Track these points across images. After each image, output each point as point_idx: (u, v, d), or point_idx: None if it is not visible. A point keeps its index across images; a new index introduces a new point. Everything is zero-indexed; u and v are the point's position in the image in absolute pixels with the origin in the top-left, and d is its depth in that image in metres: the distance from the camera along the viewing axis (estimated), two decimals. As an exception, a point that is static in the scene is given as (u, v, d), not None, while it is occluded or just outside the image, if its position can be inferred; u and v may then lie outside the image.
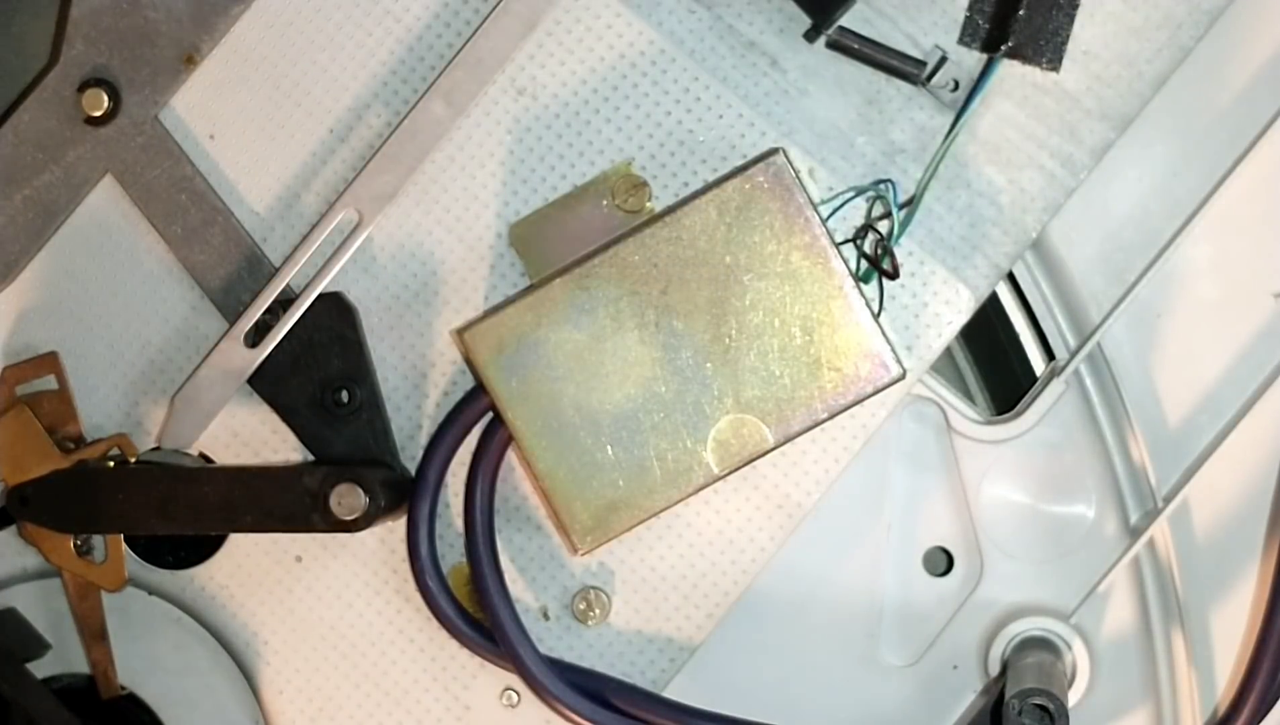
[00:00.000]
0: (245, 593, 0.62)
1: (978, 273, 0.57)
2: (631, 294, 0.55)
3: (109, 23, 0.59)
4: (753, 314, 0.55)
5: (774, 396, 0.55)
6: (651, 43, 0.58)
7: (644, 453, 0.55)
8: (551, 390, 0.55)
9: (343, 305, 0.59)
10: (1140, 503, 0.61)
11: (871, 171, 0.57)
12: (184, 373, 0.60)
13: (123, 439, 0.60)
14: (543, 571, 0.60)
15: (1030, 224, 0.57)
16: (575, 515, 0.56)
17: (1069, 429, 0.61)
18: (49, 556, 0.61)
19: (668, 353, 0.55)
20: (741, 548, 0.59)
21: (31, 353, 0.61)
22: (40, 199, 0.60)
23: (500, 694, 0.61)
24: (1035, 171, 0.56)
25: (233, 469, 0.60)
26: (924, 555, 0.62)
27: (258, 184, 0.60)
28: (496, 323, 0.55)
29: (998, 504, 0.62)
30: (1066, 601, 0.61)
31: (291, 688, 0.62)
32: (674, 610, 0.60)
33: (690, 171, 0.58)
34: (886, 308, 0.57)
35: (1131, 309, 0.60)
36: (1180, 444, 0.61)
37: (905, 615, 0.62)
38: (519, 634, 0.58)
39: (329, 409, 0.59)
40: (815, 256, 0.54)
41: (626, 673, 0.60)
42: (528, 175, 0.58)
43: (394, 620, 0.61)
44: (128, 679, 0.62)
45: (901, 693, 0.62)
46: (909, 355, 0.57)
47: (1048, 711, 0.55)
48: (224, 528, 0.60)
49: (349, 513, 0.57)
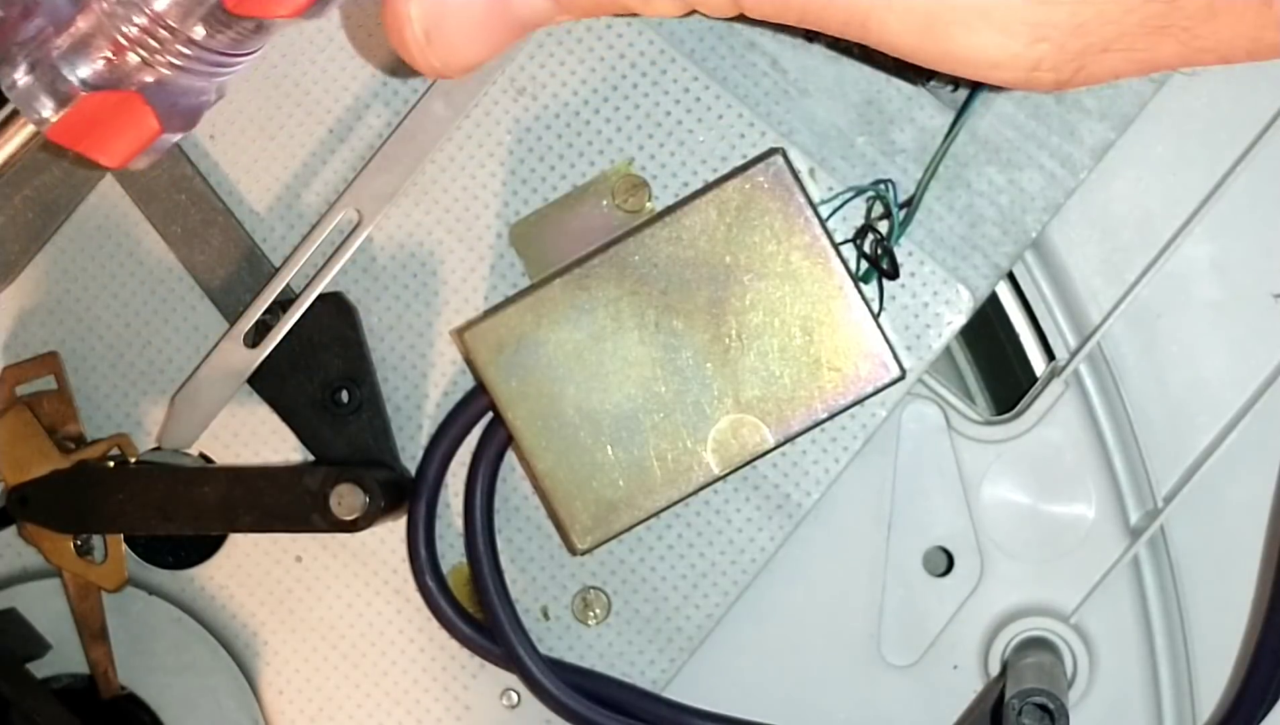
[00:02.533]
0: (245, 593, 0.62)
1: (978, 273, 0.57)
2: (631, 294, 0.55)
3: (109, 23, 0.59)
4: (753, 314, 0.55)
5: (774, 396, 0.55)
6: (651, 43, 0.58)
7: (644, 453, 0.55)
8: (551, 390, 0.55)
9: (343, 305, 0.59)
10: (1140, 503, 0.61)
11: (871, 171, 0.57)
12: (184, 373, 0.60)
13: (123, 439, 0.60)
14: (543, 571, 0.60)
15: (1030, 224, 0.57)
16: (575, 515, 0.56)
17: (1069, 429, 0.61)
18: (49, 556, 0.61)
19: (668, 353, 0.55)
20: (741, 548, 0.59)
21: (31, 353, 0.61)
22: (40, 199, 0.60)
23: (500, 694, 0.61)
24: (1035, 171, 0.56)
25: (233, 469, 0.60)
26: (924, 555, 0.62)
27: (258, 184, 0.60)
28: (496, 323, 0.55)
29: (998, 504, 0.62)
30: (1066, 601, 0.61)
31: (291, 688, 0.62)
32: (674, 610, 0.60)
33: (690, 171, 0.58)
34: (886, 308, 0.57)
35: (1131, 309, 0.60)
36: (1180, 444, 0.61)
37: (905, 615, 0.62)
38: (519, 634, 0.58)
39: (329, 409, 0.59)
40: (815, 256, 0.54)
41: (626, 673, 0.60)
42: (528, 175, 0.58)
43: (394, 620, 0.61)
44: (128, 679, 0.62)
45: (901, 693, 0.62)
46: (909, 355, 0.57)
47: (1048, 711, 0.55)
48: (224, 528, 0.60)
49: (349, 513, 0.57)
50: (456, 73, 0.40)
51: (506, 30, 0.39)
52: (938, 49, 0.36)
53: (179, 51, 0.38)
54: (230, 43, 0.39)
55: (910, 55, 0.37)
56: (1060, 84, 0.36)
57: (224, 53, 0.39)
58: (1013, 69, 0.36)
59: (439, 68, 0.39)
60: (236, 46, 0.39)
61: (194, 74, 0.39)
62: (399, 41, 0.39)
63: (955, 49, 0.36)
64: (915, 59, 0.37)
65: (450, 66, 0.39)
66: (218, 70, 0.40)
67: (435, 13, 0.38)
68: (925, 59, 0.37)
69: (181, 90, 0.39)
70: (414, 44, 0.39)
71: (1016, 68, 0.36)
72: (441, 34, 0.38)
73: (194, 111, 0.40)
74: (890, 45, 0.37)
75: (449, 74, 0.40)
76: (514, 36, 0.40)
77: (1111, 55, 0.36)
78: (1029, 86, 0.37)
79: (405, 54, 0.39)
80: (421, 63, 0.39)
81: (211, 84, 0.40)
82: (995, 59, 0.36)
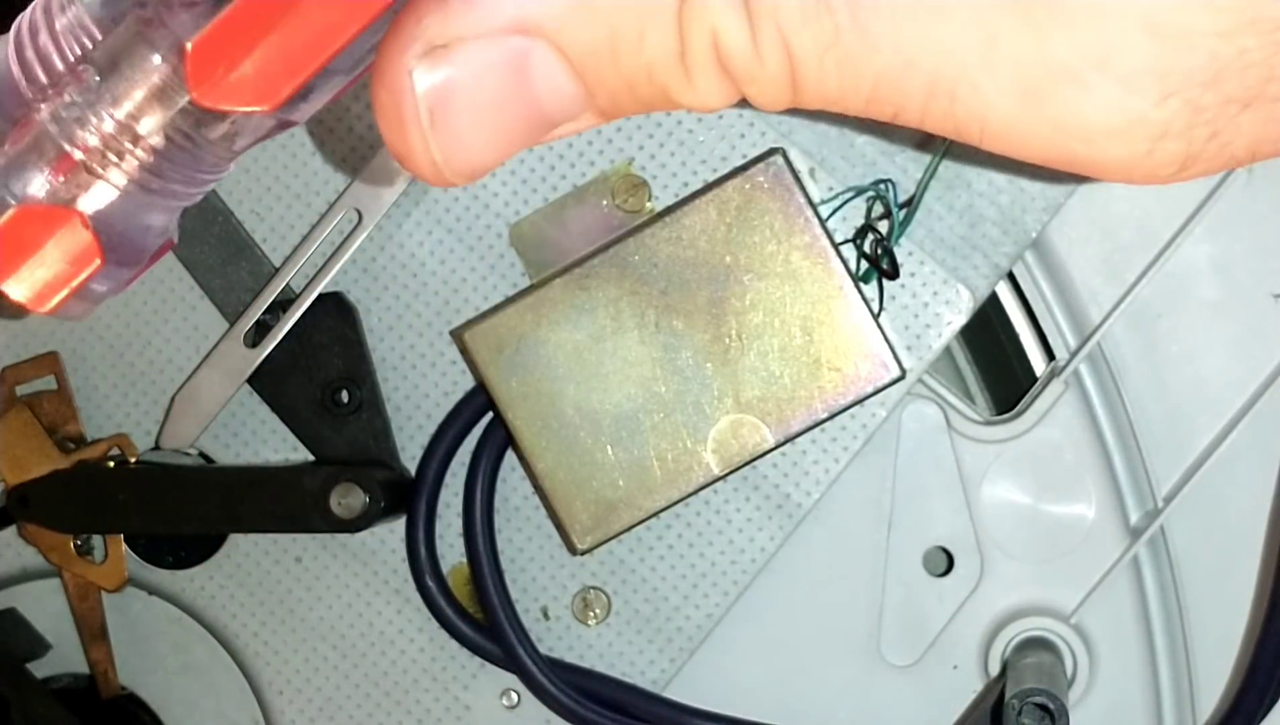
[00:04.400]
0: (245, 593, 0.62)
1: (978, 273, 0.57)
2: (631, 294, 0.55)
3: (109, 23, 0.59)
4: (753, 314, 0.55)
5: (774, 396, 0.55)
6: (651, 43, 0.57)
7: (644, 453, 0.55)
8: (551, 390, 0.55)
9: (343, 305, 0.59)
10: (1140, 503, 0.61)
11: (871, 171, 0.57)
12: (184, 373, 0.60)
13: (123, 439, 0.60)
14: (543, 571, 0.60)
15: (1030, 224, 0.57)
16: (575, 515, 0.56)
17: (1069, 429, 0.61)
18: (49, 556, 0.61)
19: (668, 353, 0.55)
20: (741, 548, 0.59)
21: (31, 353, 0.61)
22: (40, 199, 0.60)
23: (500, 694, 0.61)
24: (1036, 171, 0.56)
25: (233, 469, 0.60)
26: (924, 555, 0.62)
27: (258, 184, 0.60)
28: (496, 323, 0.55)
29: (998, 504, 0.61)
30: (1066, 601, 0.61)
31: (291, 688, 0.62)
32: (674, 610, 0.60)
33: (690, 171, 0.58)
34: (886, 308, 0.57)
35: (1131, 309, 0.60)
36: (1180, 444, 0.60)
37: (905, 615, 0.62)
38: (519, 634, 0.58)
39: (329, 409, 0.59)
40: (815, 256, 0.54)
41: (626, 673, 0.60)
42: (528, 175, 0.58)
43: (394, 620, 0.61)
44: (128, 679, 0.62)
45: (901, 693, 0.62)
46: (909, 355, 0.57)
47: (1048, 711, 0.55)
48: (224, 528, 0.60)
49: (349, 513, 0.57)
50: (459, 173, 0.31)
51: (527, 126, 0.31)
52: (1041, 118, 0.29)
53: (136, 165, 0.32)
54: (191, 159, 0.32)
55: (1005, 132, 0.29)
56: (1186, 162, 0.29)
57: (186, 169, 0.33)
58: (1133, 140, 0.29)
59: (438, 162, 0.30)
60: (198, 163, 0.33)
61: (149, 196, 0.33)
62: (394, 121, 0.30)
63: (1064, 115, 0.29)
64: (1011, 137, 0.29)
65: (453, 161, 0.30)
66: (177, 192, 0.33)
67: (444, 90, 0.29)
68: (1024, 135, 0.29)
69: (130, 217, 0.32)
70: (412, 126, 0.30)
71: (1138, 138, 0.29)
72: (449, 119, 0.30)
73: (140, 250, 0.33)
74: (982, 120, 0.29)
75: (449, 173, 0.30)
76: (532, 137, 0.31)
77: (1253, 115, 0.29)
78: (1148, 171, 0.29)
79: (400, 140, 0.30)
80: (419, 152, 0.30)
81: (167, 214, 0.34)
82: (1113, 125, 0.29)
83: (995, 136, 0.30)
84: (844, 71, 0.29)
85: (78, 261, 0.31)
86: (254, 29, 0.29)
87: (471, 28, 0.29)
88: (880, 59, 0.28)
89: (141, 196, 0.32)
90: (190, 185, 0.33)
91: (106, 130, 0.31)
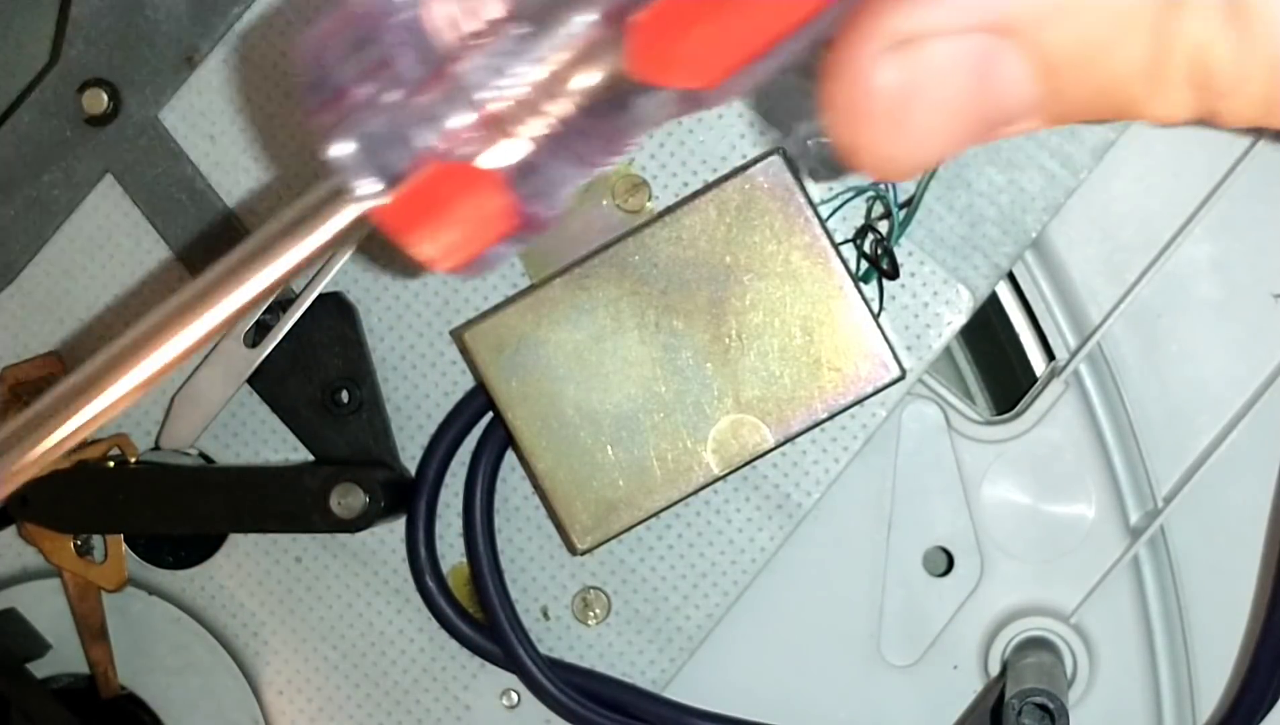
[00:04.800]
0: (245, 593, 0.62)
1: (978, 273, 0.57)
2: (631, 294, 0.55)
3: (109, 23, 0.59)
4: (753, 314, 0.55)
5: (774, 396, 0.55)
6: (651, 43, 0.57)
7: (644, 453, 0.55)
8: (551, 390, 0.55)
9: (343, 305, 0.59)
10: (1140, 503, 0.61)
11: (871, 171, 0.57)
12: (184, 373, 0.60)
13: (123, 439, 0.60)
14: (543, 571, 0.60)
15: (1030, 224, 0.57)
16: (575, 515, 0.56)
17: (1069, 429, 0.61)
18: (49, 556, 0.61)
19: (668, 353, 0.55)
20: (741, 548, 0.59)
21: (31, 353, 0.61)
22: (40, 199, 0.60)
23: (500, 694, 0.61)
24: (1035, 171, 0.56)
25: (233, 469, 0.60)
26: (924, 555, 0.62)
27: (258, 184, 0.60)
28: (496, 323, 0.55)
29: (998, 504, 0.61)
30: (1066, 601, 0.61)
31: (291, 688, 0.62)
32: (674, 610, 0.60)
33: (690, 171, 0.58)
34: (886, 308, 0.57)
35: (1131, 309, 0.60)
36: (1180, 444, 0.60)
37: (905, 615, 0.62)
38: (519, 634, 0.58)
39: (329, 409, 0.59)
40: (815, 256, 0.54)
41: (626, 673, 0.60)
42: (528, 175, 0.58)
43: (394, 620, 0.61)
44: (128, 679, 0.62)
45: (901, 693, 0.62)
46: (909, 355, 0.57)
47: (1048, 711, 0.55)
48: (224, 528, 0.60)
49: (349, 513, 0.57)
50: (906, 170, 0.29)
51: (979, 125, 0.29)
52: None
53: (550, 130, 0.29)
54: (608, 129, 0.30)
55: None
56: None
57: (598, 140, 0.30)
58: None
59: (889, 157, 0.29)
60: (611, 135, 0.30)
61: (558, 165, 0.30)
62: (849, 114, 0.28)
63: None
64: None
65: (904, 158, 0.29)
66: (585, 162, 0.30)
67: (908, 86, 0.28)
68: None
69: (539, 183, 0.30)
70: (870, 121, 0.28)
71: None
72: (908, 115, 0.28)
73: (541, 218, 0.31)
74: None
75: (896, 166, 0.29)
76: (979, 137, 0.29)
77: None
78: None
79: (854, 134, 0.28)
80: (874, 147, 0.28)
81: (567, 186, 0.31)
82: None
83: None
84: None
85: (492, 224, 0.30)
86: (704, 4, 0.28)
87: (942, 23, 0.28)
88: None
89: (552, 164, 0.30)
90: (598, 156, 0.31)
91: (527, 90, 0.29)
